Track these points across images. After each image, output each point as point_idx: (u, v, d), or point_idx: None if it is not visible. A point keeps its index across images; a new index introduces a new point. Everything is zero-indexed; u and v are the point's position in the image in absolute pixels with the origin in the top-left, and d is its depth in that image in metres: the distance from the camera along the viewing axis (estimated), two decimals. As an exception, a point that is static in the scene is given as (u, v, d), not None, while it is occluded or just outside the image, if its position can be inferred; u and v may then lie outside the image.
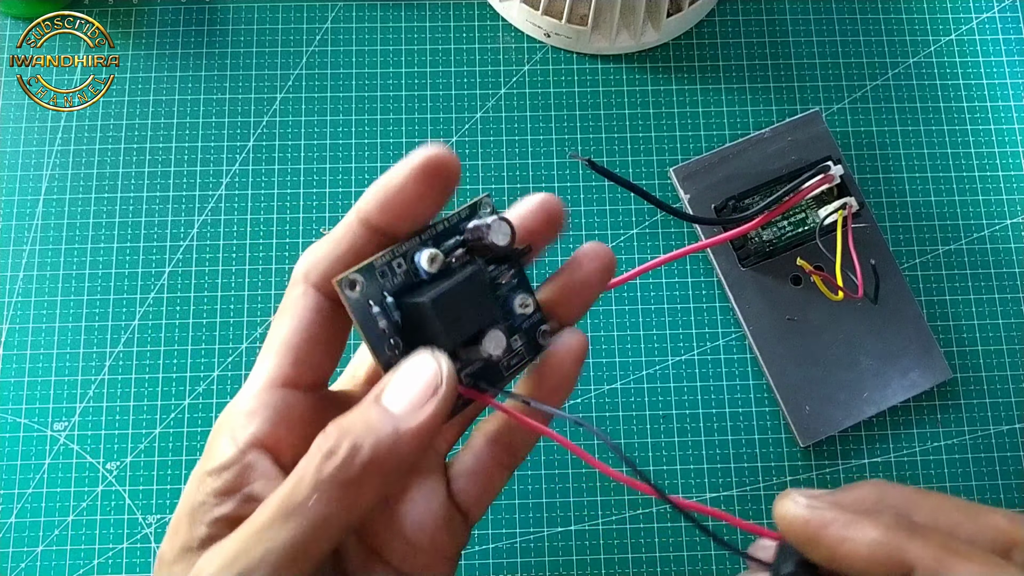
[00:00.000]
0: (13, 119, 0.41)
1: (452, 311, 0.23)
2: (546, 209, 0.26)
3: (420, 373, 0.22)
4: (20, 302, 0.39)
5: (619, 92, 0.42)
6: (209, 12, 0.42)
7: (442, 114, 0.41)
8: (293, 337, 0.24)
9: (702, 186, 0.39)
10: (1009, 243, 0.40)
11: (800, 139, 0.40)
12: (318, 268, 0.24)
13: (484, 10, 0.43)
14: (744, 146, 0.40)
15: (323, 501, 0.21)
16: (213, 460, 0.23)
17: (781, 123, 0.40)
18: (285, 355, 0.24)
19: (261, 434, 0.23)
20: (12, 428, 0.37)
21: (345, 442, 0.21)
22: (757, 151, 0.40)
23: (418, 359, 0.23)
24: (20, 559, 0.36)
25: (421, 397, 0.22)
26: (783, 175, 0.39)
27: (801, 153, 0.39)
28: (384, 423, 0.22)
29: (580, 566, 0.37)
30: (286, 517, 0.21)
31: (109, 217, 0.40)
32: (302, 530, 0.21)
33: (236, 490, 0.22)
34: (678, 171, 0.40)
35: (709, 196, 0.39)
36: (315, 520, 0.21)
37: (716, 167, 0.39)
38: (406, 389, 0.22)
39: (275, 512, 0.21)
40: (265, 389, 0.23)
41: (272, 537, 0.21)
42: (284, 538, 0.21)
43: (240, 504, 0.22)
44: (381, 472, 0.22)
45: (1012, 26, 0.43)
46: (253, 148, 0.41)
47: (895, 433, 0.38)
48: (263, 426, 0.23)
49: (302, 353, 0.24)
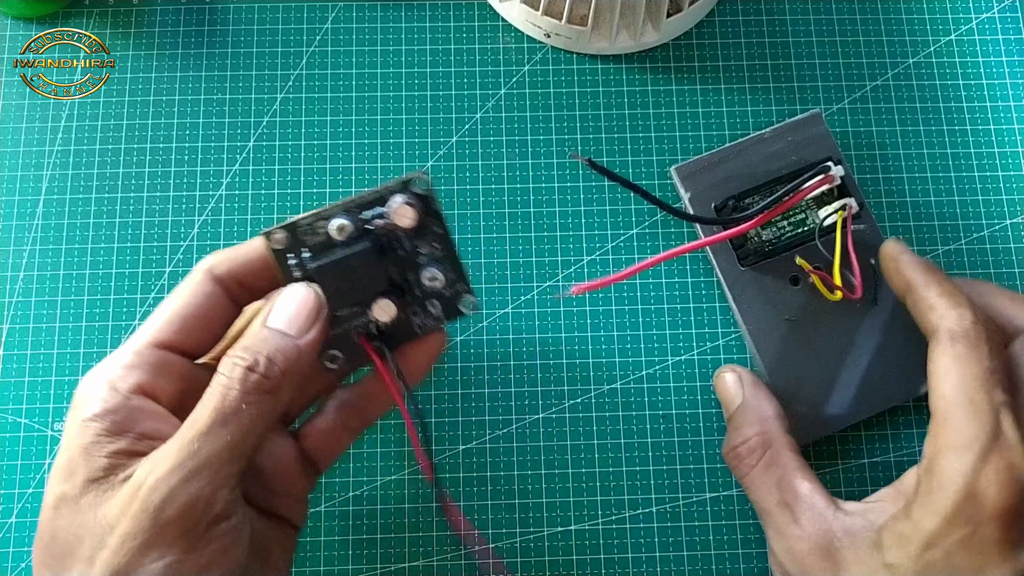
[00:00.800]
0: (13, 119, 0.41)
1: (338, 280, 0.29)
2: None
3: (303, 300, 0.28)
4: (20, 302, 0.39)
5: (619, 92, 0.42)
6: (209, 12, 0.42)
7: (442, 114, 0.41)
8: (182, 310, 0.28)
9: (703, 185, 0.39)
10: (1009, 243, 0.40)
11: (800, 140, 0.40)
12: (223, 266, 0.29)
13: (484, 10, 0.43)
14: (745, 146, 0.40)
15: (254, 406, 0.25)
16: (93, 407, 0.26)
17: (781, 123, 0.40)
18: (172, 322, 0.28)
19: (143, 382, 0.27)
20: (12, 428, 0.37)
21: (261, 358, 0.26)
22: (757, 151, 0.40)
23: (296, 288, 0.28)
24: (20, 559, 0.36)
25: (308, 319, 0.27)
26: (783, 175, 0.39)
27: (801, 153, 0.39)
28: (286, 341, 0.27)
29: (580, 566, 0.37)
30: (224, 423, 0.25)
31: (109, 217, 0.40)
32: (240, 432, 0.25)
33: (126, 430, 0.26)
34: (679, 170, 0.40)
35: (710, 195, 0.39)
36: (247, 423, 0.25)
37: (717, 167, 0.39)
38: (294, 313, 0.27)
39: (212, 420, 0.25)
40: (146, 347, 0.27)
41: (213, 440, 0.25)
42: (224, 440, 0.25)
43: (133, 441, 0.26)
44: (292, 381, 0.27)
45: (1012, 26, 0.43)
46: (253, 148, 0.41)
47: (895, 433, 0.38)
48: (145, 376, 0.27)
49: (187, 323, 0.28)
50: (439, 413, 0.38)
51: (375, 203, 0.29)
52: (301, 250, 0.29)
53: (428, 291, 0.31)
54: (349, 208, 0.29)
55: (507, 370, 0.39)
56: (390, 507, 0.37)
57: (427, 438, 0.33)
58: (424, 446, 0.33)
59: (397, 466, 0.38)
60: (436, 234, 0.30)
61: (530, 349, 0.39)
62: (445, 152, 0.41)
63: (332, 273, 0.28)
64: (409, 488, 0.37)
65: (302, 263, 0.29)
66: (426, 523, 0.37)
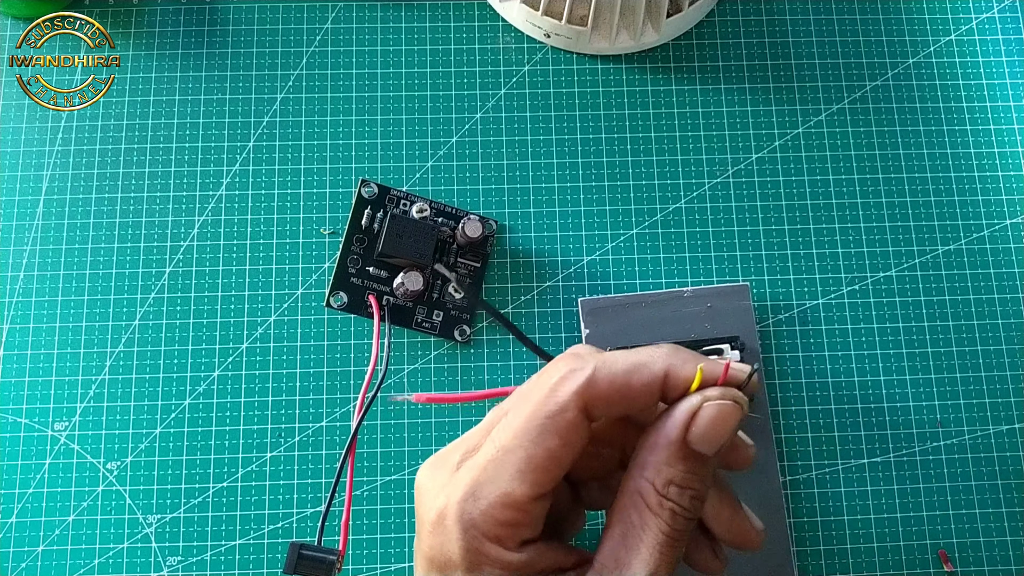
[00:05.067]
0: (13, 119, 0.41)
1: (398, 234, 0.37)
2: None
3: None
4: (20, 302, 0.39)
5: (619, 92, 0.42)
6: (209, 12, 0.42)
7: (442, 114, 0.41)
8: (565, 457, 0.25)
9: (605, 327, 0.38)
10: (1009, 243, 0.40)
11: (721, 308, 0.38)
12: (600, 408, 0.25)
13: (484, 10, 0.43)
14: (661, 298, 0.38)
15: None
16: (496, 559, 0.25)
17: (705, 287, 0.38)
18: (556, 474, 0.25)
19: (532, 537, 0.25)
20: (13, 428, 0.37)
21: None
22: (671, 307, 0.38)
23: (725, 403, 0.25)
24: (21, 559, 0.36)
25: None
26: (688, 340, 0.37)
27: (716, 322, 0.37)
28: None
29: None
30: None
31: (109, 217, 0.40)
32: None
33: None
34: (585, 303, 0.38)
35: (608, 339, 0.37)
36: None
37: (626, 311, 0.38)
38: None
39: None
40: (530, 501, 0.25)
41: None
42: None
43: None
44: None
45: (1012, 26, 0.43)
46: (253, 148, 0.41)
47: (895, 433, 0.38)
48: (532, 533, 0.25)
49: (562, 472, 0.25)
50: (439, 413, 0.38)
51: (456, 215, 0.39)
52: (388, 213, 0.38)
53: (445, 300, 0.38)
54: (435, 205, 0.39)
55: (507, 370, 0.39)
56: (390, 507, 0.37)
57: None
58: None
59: (397, 466, 0.38)
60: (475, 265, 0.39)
61: (530, 349, 0.39)
62: (445, 152, 0.41)
63: (393, 227, 0.37)
64: (408, 488, 0.37)
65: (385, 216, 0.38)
66: (426, 523, 0.37)
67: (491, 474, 0.24)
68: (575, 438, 0.25)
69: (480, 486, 0.24)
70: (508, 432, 0.25)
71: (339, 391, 0.38)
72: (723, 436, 0.25)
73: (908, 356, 0.39)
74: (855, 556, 0.37)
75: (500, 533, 0.24)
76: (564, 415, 0.24)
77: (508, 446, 0.25)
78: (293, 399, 0.38)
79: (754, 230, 0.40)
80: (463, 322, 0.39)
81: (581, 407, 0.25)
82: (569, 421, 0.25)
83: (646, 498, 0.25)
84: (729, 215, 0.41)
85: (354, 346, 0.39)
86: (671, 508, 0.24)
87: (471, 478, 0.25)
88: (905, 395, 0.39)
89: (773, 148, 0.41)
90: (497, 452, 0.25)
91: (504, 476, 0.24)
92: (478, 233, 0.38)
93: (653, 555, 0.24)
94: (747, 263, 0.40)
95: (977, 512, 0.38)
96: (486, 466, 0.25)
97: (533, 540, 0.25)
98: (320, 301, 0.39)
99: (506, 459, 0.24)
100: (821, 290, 0.40)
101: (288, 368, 0.38)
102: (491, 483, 0.24)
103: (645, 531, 0.24)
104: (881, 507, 0.38)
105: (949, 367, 0.39)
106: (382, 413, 0.38)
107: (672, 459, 0.25)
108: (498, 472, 0.24)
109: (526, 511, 0.24)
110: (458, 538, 0.24)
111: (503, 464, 0.24)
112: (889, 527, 0.37)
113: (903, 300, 0.40)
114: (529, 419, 0.25)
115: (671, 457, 0.25)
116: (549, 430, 0.24)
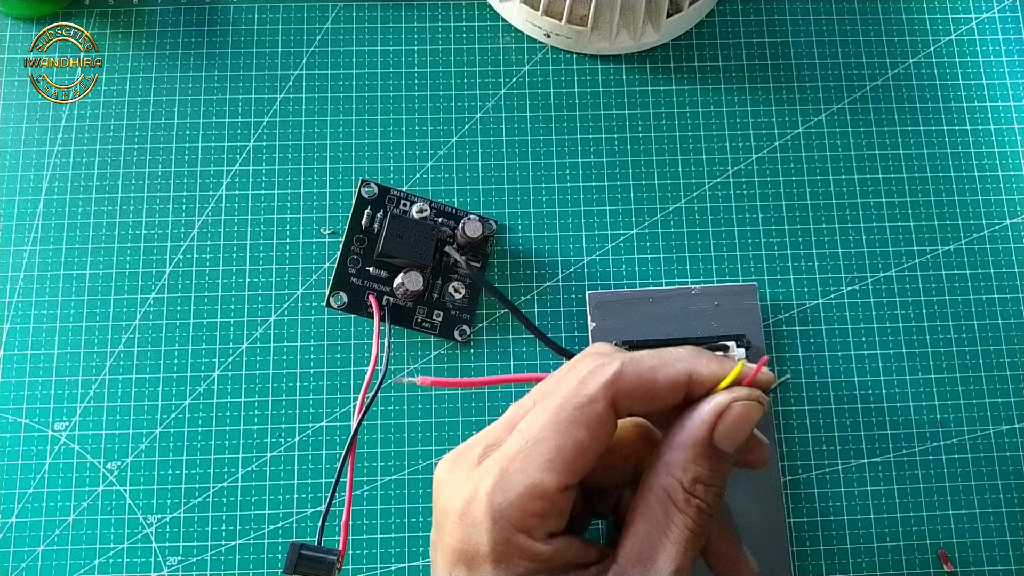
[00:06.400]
0: (14, 119, 0.41)
1: (398, 234, 0.38)
2: None
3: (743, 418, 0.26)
4: (20, 302, 0.39)
5: (619, 92, 0.42)
6: (209, 12, 0.42)
7: (442, 114, 0.41)
8: (592, 451, 0.25)
9: (611, 320, 0.38)
10: (1009, 243, 0.40)
11: (728, 308, 0.38)
12: (626, 402, 0.26)
13: (484, 10, 0.43)
14: (669, 295, 0.38)
15: None
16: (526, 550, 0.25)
17: (714, 284, 0.39)
18: (584, 465, 0.25)
19: (558, 529, 0.26)
20: (13, 428, 0.37)
21: None
22: (679, 304, 0.38)
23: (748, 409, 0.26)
24: (21, 559, 0.36)
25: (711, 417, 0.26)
26: (694, 338, 0.37)
27: (724, 321, 0.38)
28: None
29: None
30: None
31: (109, 217, 0.40)
32: None
33: None
34: (593, 297, 0.38)
35: (615, 332, 0.37)
36: None
37: (633, 306, 0.38)
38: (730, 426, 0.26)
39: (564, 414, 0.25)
40: (559, 492, 0.25)
41: None
42: None
43: None
44: None
45: (1012, 26, 0.43)
46: (253, 148, 0.41)
47: (895, 433, 0.38)
48: (558, 525, 0.26)
49: (589, 465, 0.26)
50: (439, 413, 0.38)
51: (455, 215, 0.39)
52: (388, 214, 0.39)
53: (445, 299, 0.38)
54: (434, 205, 0.39)
55: (508, 369, 0.39)
56: (390, 507, 0.37)
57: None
58: None
59: (397, 466, 0.38)
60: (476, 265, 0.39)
61: (530, 349, 0.39)
62: (445, 152, 0.41)
63: (393, 227, 0.38)
64: (409, 488, 0.37)
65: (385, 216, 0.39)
66: (425, 523, 0.37)
67: (520, 464, 0.25)
68: (602, 431, 0.25)
69: (509, 477, 0.25)
70: (536, 424, 0.25)
71: (339, 391, 0.38)
72: (745, 434, 0.25)
73: (908, 356, 0.39)
74: (855, 556, 0.37)
75: (529, 524, 0.25)
76: (593, 406, 0.25)
77: (537, 437, 0.25)
78: (293, 399, 0.38)
79: (754, 230, 0.40)
80: (463, 322, 0.39)
81: (609, 400, 0.25)
82: (598, 413, 0.25)
83: (673, 495, 0.25)
84: (729, 215, 0.41)
85: (354, 346, 0.39)
86: (698, 505, 0.25)
87: (499, 468, 0.25)
88: (905, 395, 0.39)
89: (773, 148, 0.41)
90: (527, 443, 0.25)
91: (533, 466, 0.25)
92: (478, 233, 0.38)
93: (679, 550, 0.25)
94: (747, 263, 0.40)
95: (977, 512, 0.38)
96: (515, 457, 0.25)
97: (559, 533, 0.25)
98: (320, 301, 0.39)
99: (535, 450, 0.25)
100: (821, 290, 0.40)
101: (288, 368, 0.38)
102: (520, 473, 0.25)
103: (671, 527, 0.25)
104: (881, 507, 0.38)
105: (949, 367, 0.39)
106: (382, 413, 0.38)
107: (699, 457, 0.25)
108: (527, 463, 0.25)
109: (554, 502, 0.25)
110: (488, 529, 0.24)
111: (532, 455, 0.25)
112: (889, 527, 0.38)
113: (903, 300, 0.40)
114: (558, 411, 0.25)
115: (698, 456, 0.25)
116: (578, 421, 0.25)
